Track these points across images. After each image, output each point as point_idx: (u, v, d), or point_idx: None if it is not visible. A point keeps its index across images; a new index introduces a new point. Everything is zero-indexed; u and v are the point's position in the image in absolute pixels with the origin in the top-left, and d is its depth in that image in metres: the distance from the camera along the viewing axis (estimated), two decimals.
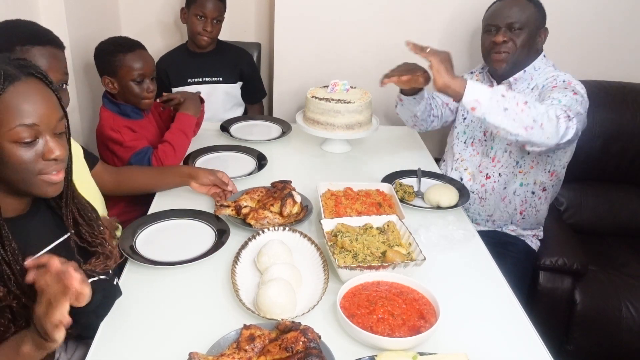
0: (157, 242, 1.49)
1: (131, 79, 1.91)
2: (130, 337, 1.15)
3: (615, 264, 2.14)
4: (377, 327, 1.15)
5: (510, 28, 1.85)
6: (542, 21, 1.90)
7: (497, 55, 1.88)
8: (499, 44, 1.86)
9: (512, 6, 1.86)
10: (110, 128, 1.90)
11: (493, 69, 1.95)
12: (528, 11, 1.85)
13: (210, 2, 2.43)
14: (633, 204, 2.39)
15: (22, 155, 0.99)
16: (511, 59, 1.87)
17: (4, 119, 0.96)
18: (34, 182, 1.03)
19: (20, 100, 0.97)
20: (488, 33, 1.91)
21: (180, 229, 1.57)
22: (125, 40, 1.96)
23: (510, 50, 1.86)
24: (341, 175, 1.95)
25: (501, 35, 1.85)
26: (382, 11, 2.53)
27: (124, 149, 1.89)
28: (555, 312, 1.97)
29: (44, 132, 1.01)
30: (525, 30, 1.84)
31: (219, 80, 2.60)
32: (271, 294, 1.21)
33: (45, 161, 1.02)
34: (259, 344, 1.08)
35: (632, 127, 2.31)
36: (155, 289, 1.31)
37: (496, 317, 1.29)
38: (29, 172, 1.01)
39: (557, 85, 1.81)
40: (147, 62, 1.94)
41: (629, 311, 1.94)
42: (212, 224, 1.58)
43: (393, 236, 1.47)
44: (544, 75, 1.90)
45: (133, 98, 1.95)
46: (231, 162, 2.03)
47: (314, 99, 2.08)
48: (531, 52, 1.89)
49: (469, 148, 2.05)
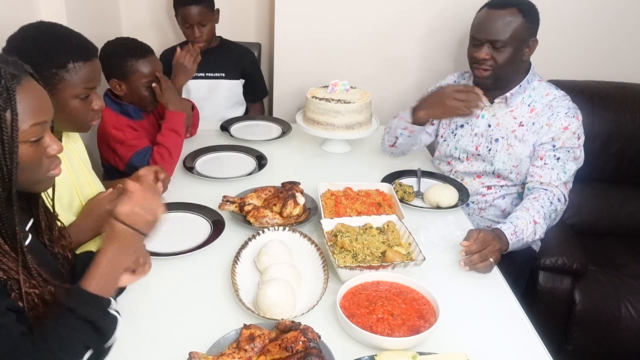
0: None
1: (142, 84, 1.91)
2: (131, 336, 1.15)
3: (614, 264, 2.14)
4: (377, 327, 1.15)
5: (493, 45, 1.77)
6: (532, 32, 1.80)
7: (479, 71, 1.83)
8: (479, 60, 1.81)
9: (496, 20, 1.76)
10: (112, 126, 1.91)
11: (477, 82, 1.90)
12: (514, 25, 1.74)
13: (191, 10, 2.42)
14: (632, 204, 2.39)
15: (34, 154, 0.98)
16: (493, 75, 1.82)
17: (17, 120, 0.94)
18: (43, 179, 1.03)
19: (29, 100, 0.95)
20: (472, 45, 1.85)
21: (177, 222, 1.59)
22: (135, 44, 1.94)
23: (492, 67, 1.80)
24: (341, 175, 1.95)
25: (483, 53, 1.79)
26: (381, 11, 2.53)
27: (125, 147, 1.89)
28: (554, 312, 1.97)
29: (46, 129, 1.01)
30: (509, 47, 1.76)
31: (222, 76, 2.61)
32: (271, 294, 1.21)
33: (49, 158, 1.02)
34: (259, 344, 1.08)
35: (632, 128, 2.31)
36: (155, 289, 1.31)
37: (495, 317, 1.29)
38: (40, 170, 1.01)
39: (564, 141, 1.80)
40: (157, 66, 1.95)
41: (628, 311, 1.94)
42: (208, 216, 1.62)
43: (393, 236, 1.47)
44: (538, 92, 1.88)
45: (141, 101, 1.95)
46: (231, 162, 2.03)
47: (314, 99, 2.08)
48: (515, 65, 1.83)
49: (464, 162, 2.02)
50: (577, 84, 2.39)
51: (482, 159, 1.97)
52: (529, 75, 1.89)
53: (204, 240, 1.51)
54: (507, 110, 1.91)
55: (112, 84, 1.94)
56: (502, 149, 1.90)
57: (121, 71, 1.90)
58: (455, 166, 2.04)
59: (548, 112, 1.83)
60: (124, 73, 1.90)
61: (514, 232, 1.57)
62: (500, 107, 1.92)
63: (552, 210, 1.71)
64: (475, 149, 1.97)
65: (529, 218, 1.63)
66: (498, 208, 1.99)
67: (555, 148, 1.81)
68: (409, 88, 2.64)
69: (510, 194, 1.96)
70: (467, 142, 1.99)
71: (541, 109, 1.85)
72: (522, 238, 1.59)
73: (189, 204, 1.68)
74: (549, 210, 1.69)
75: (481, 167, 1.97)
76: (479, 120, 1.96)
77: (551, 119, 1.82)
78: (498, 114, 1.92)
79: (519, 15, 1.76)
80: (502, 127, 1.90)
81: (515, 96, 1.89)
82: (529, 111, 1.87)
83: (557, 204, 1.73)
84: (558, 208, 1.74)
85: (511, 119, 1.89)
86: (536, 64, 1.95)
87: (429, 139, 2.15)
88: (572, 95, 1.89)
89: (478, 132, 1.96)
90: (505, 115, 1.91)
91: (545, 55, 2.46)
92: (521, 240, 1.59)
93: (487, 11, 1.81)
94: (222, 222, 1.58)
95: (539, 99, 1.87)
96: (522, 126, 1.86)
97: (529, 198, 1.75)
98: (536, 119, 1.85)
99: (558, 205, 1.74)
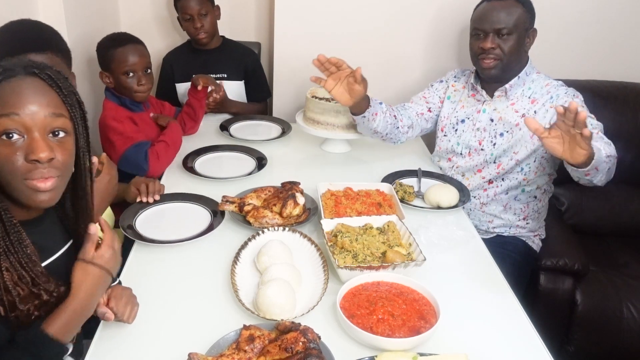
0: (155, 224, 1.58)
1: (122, 72, 1.95)
2: (130, 337, 1.14)
3: (616, 265, 2.14)
4: (377, 328, 1.15)
5: (498, 34, 1.80)
6: (531, 22, 1.85)
7: (486, 61, 1.84)
8: (487, 50, 1.83)
9: (500, 10, 1.80)
10: (112, 118, 1.95)
11: (483, 74, 1.92)
12: (516, 14, 1.80)
13: (190, 1, 2.43)
14: (634, 204, 2.38)
15: (2, 152, 0.92)
16: (500, 65, 1.83)
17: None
18: (20, 187, 0.94)
19: (8, 94, 0.92)
20: (476, 38, 1.87)
21: (178, 211, 1.66)
22: (120, 35, 2.02)
23: (499, 57, 1.82)
24: (341, 175, 1.94)
25: (489, 42, 1.81)
26: (382, 9, 2.52)
27: (123, 139, 1.92)
28: (555, 313, 1.96)
29: (32, 130, 0.92)
30: (514, 34, 1.80)
31: (224, 77, 2.60)
32: (271, 294, 1.21)
33: (29, 163, 0.93)
34: (259, 345, 1.08)
35: (634, 127, 2.31)
36: (154, 289, 1.31)
37: (496, 318, 1.28)
38: (12, 174, 0.93)
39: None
40: (139, 55, 1.98)
41: (630, 312, 1.94)
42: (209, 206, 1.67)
43: (393, 236, 1.46)
44: (538, 84, 1.89)
45: (126, 91, 1.99)
46: (231, 162, 2.03)
47: (314, 99, 2.08)
48: (520, 55, 1.86)
49: (466, 157, 2.01)
50: (578, 83, 2.37)
51: (484, 153, 1.96)
52: (527, 68, 1.89)
53: (204, 229, 1.55)
54: (508, 103, 1.91)
55: (101, 77, 2.01)
56: (506, 143, 1.90)
57: (103, 61, 1.99)
58: (457, 162, 2.03)
59: (547, 97, 1.85)
60: (106, 63, 1.98)
61: None
62: (500, 101, 1.92)
63: (612, 149, 1.59)
64: (479, 144, 1.97)
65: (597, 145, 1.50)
66: (500, 203, 1.98)
67: None
68: (410, 86, 2.63)
69: (513, 187, 1.95)
70: (470, 136, 1.99)
71: (540, 98, 1.87)
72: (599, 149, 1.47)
73: (188, 194, 1.73)
74: (611, 150, 1.58)
75: (483, 162, 1.97)
76: (480, 115, 1.95)
77: (552, 101, 1.83)
78: (499, 108, 1.92)
79: (518, 4, 1.82)
80: (505, 121, 1.90)
81: (514, 88, 1.89)
82: (529, 102, 1.88)
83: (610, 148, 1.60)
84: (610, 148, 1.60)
85: (513, 113, 1.89)
86: (538, 62, 1.95)
87: (426, 125, 2.11)
88: None
89: (480, 126, 1.96)
90: (507, 109, 1.90)
91: (546, 54, 2.46)
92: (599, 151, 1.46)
93: (489, 3, 1.86)
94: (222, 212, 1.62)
95: (539, 90, 1.88)
96: (525, 117, 1.84)
97: None
98: (538, 107, 1.86)
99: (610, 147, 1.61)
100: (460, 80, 2.08)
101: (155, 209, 1.65)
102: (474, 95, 1.99)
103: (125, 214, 1.59)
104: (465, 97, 2.02)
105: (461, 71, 2.11)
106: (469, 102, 2.00)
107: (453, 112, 2.04)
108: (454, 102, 2.05)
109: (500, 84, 1.90)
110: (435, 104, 2.10)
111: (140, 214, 1.61)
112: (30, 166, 0.93)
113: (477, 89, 1.97)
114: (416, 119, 2.08)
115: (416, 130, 2.10)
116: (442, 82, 2.12)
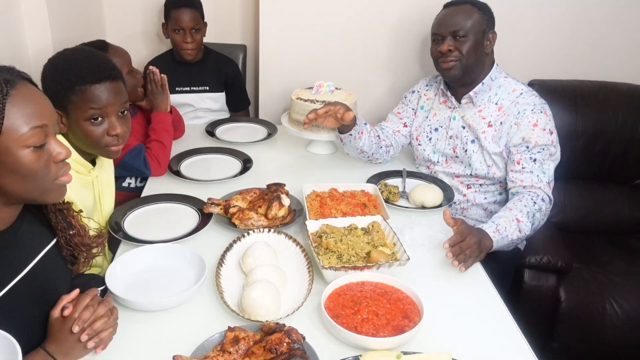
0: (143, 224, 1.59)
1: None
2: (114, 340, 1.14)
3: (599, 262, 2.16)
4: (362, 327, 1.16)
5: (454, 36, 1.84)
6: (490, 25, 1.88)
7: (445, 63, 1.87)
8: (444, 53, 1.86)
9: (455, 14, 1.86)
10: None
11: (445, 77, 1.95)
12: (472, 17, 1.84)
13: (185, 14, 2.42)
14: (616, 202, 2.41)
15: (38, 160, 0.95)
16: (459, 65, 1.86)
17: (14, 125, 0.91)
18: (50, 187, 1.00)
19: (27, 103, 0.93)
20: (435, 42, 1.92)
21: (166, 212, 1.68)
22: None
23: (457, 57, 1.85)
24: (326, 177, 1.95)
25: (446, 45, 1.85)
26: (366, 12, 2.53)
27: None
28: (540, 310, 1.98)
29: (50, 134, 0.98)
30: (470, 36, 1.84)
31: (206, 89, 2.61)
32: (255, 296, 1.21)
33: (56, 163, 0.99)
34: (243, 346, 1.08)
35: (615, 126, 2.33)
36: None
37: (480, 316, 1.29)
38: (46, 177, 0.97)
39: (536, 139, 1.80)
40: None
41: (613, 308, 1.96)
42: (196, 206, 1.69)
43: (378, 236, 1.47)
44: (505, 89, 1.90)
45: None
46: (217, 165, 2.03)
47: (299, 101, 2.08)
48: (480, 56, 1.88)
49: (443, 165, 2.04)
50: (560, 83, 2.41)
51: (459, 160, 1.99)
52: (492, 72, 1.91)
53: (190, 230, 1.56)
54: (475, 110, 1.93)
55: None
56: (478, 150, 1.93)
57: None
58: (435, 169, 2.06)
59: (514, 110, 1.86)
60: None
61: (496, 230, 1.58)
62: (468, 108, 1.95)
63: (537, 209, 1.72)
64: (453, 151, 1.99)
65: (511, 216, 1.65)
66: (480, 207, 2.00)
67: (529, 149, 1.82)
68: (393, 89, 2.65)
69: (491, 191, 1.98)
70: (444, 145, 2.01)
71: (508, 106, 1.88)
72: (506, 235, 1.60)
73: (176, 194, 1.74)
74: (532, 210, 1.70)
75: (460, 169, 1.99)
76: (452, 122, 1.98)
77: (518, 117, 1.84)
78: (467, 115, 1.95)
79: (474, 9, 1.87)
80: (474, 128, 1.92)
81: (480, 95, 1.92)
82: (496, 109, 1.90)
83: (541, 204, 1.74)
84: (543, 208, 1.75)
85: (480, 120, 1.91)
86: (519, 63, 1.97)
87: (405, 141, 2.14)
88: (555, 95, 1.91)
89: (452, 134, 1.99)
90: (475, 116, 1.93)
91: (527, 54, 2.49)
92: (505, 238, 1.60)
93: (445, 10, 1.93)
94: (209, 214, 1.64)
95: (506, 96, 1.90)
96: (491, 127, 1.89)
97: (513, 200, 1.76)
98: (504, 118, 1.87)
99: (542, 205, 1.74)
100: (432, 88, 2.10)
101: (143, 210, 1.66)
102: (445, 102, 2.02)
103: (114, 214, 1.60)
104: (437, 104, 2.04)
105: (433, 78, 2.13)
106: (440, 108, 2.03)
107: (426, 120, 2.06)
108: (427, 110, 2.08)
109: (466, 88, 1.93)
110: (409, 118, 2.13)
111: (129, 215, 1.62)
112: (58, 166, 1.00)
113: (447, 95, 2.00)
114: (393, 138, 2.11)
115: (397, 149, 2.13)
116: (414, 93, 2.14)
